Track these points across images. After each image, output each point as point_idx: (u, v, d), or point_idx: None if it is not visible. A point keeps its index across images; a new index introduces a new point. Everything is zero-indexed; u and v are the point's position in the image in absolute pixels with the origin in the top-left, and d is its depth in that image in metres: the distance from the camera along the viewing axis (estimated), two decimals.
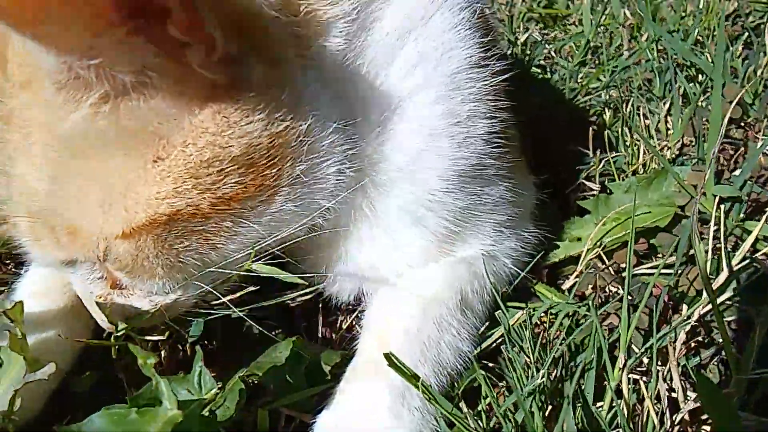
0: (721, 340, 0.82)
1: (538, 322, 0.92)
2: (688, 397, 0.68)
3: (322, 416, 0.75)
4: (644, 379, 0.75)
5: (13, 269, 1.04)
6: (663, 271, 0.95)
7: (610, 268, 1.00)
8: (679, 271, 0.95)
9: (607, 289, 0.99)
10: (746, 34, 1.61)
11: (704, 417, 0.73)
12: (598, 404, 0.74)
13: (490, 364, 0.85)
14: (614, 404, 0.71)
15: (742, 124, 1.32)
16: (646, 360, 0.77)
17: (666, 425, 0.65)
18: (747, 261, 0.88)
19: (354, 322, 1.01)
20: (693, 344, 0.80)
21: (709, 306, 0.84)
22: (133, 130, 0.61)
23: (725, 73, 1.26)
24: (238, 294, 0.80)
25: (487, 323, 0.89)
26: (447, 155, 0.78)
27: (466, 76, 0.77)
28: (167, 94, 0.61)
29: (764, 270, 0.92)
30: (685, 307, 0.87)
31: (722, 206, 0.97)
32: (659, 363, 0.76)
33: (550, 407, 0.74)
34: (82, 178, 0.63)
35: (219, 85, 0.62)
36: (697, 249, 0.70)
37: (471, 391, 0.81)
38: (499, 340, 0.87)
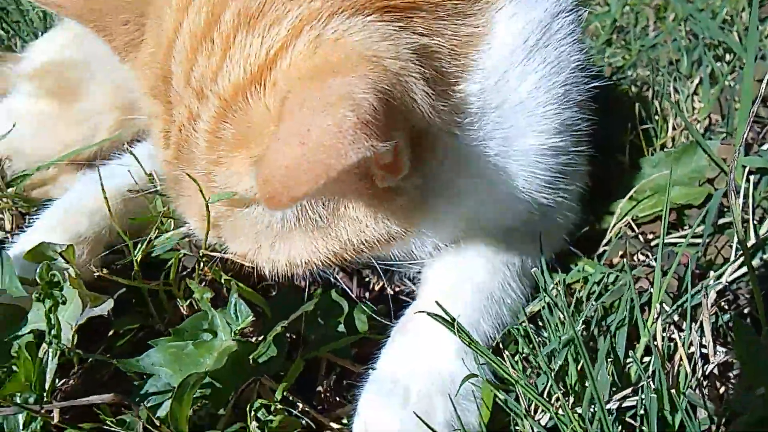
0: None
1: (569, 290, 0.94)
2: (718, 352, 0.71)
3: (384, 356, 0.79)
4: (674, 336, 0.77)
5: None
6: (691, 240, 0.97)
7: (640, 236, 1.02)
8: (707, 241, 0.97)
9: (635, 258, 1.01)
10: None
11: (731, 374, 0.76)
12: (628, 360, 0.77)
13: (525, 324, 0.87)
14: (644, 358, 0.73)
15: None
16: (676, 318, 0.80)
17: (697, 374, 0.67)
18: None
19: (386, 285, 1.05)
20: (723, 303, 0.83)
21: (737, 273, 0.86)
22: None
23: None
24: None
25: None
26: (543, 165, 0.79)
27: (574, 84, 0.78)
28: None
29: None
30: (712, 274, 0.90)
31: (751, 177, 0.99)
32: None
33: (582, 361, 0.76)
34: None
35: (378, 188, 0.68)
36: (733, 204, 0.72)
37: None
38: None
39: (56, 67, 1.15)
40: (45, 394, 0.65)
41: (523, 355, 0.79)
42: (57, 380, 0.74)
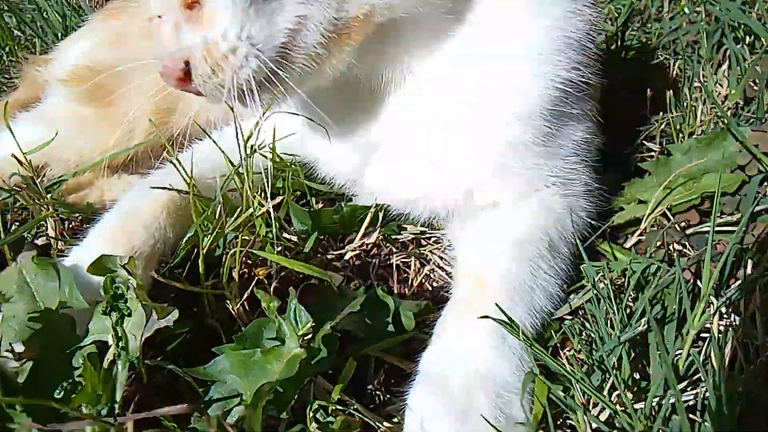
0: None
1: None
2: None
3: (427, 354, 0.80)
4: (721, 327, 0.78)
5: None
6: (725, 228, 0.98)
7: (676, 225, 1.03)
8: (743, 228, 0.98)
9: (671, 248, 1.02)
10: None
11: None
12: (677, 352, 0.78)
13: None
14: (690, 351, 0.75)
15: None
16: (723, 309, 0.81)
17: (754, 364, 0.69)
18: None
19: (423, 280, 1.06)
20: None
21: None
22: None
23: None
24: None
25: None
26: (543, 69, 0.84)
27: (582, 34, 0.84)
28: None
29: None
30: (750, 262, 0.91)
31: None
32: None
33: (632, 354, 0.78)
34: None
35: None
36: None
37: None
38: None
39: (90, 71, 1.15)
40: (116, 406, 0.67)
41: (576, 351, 0.80)
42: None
